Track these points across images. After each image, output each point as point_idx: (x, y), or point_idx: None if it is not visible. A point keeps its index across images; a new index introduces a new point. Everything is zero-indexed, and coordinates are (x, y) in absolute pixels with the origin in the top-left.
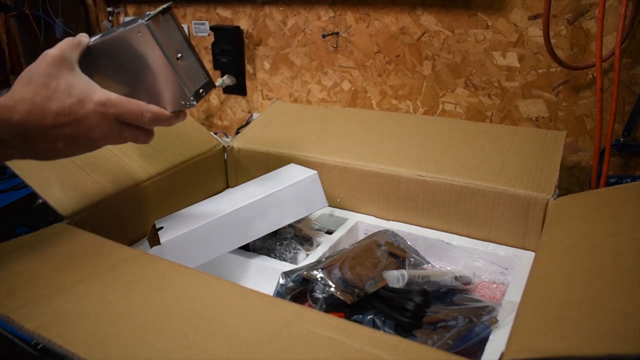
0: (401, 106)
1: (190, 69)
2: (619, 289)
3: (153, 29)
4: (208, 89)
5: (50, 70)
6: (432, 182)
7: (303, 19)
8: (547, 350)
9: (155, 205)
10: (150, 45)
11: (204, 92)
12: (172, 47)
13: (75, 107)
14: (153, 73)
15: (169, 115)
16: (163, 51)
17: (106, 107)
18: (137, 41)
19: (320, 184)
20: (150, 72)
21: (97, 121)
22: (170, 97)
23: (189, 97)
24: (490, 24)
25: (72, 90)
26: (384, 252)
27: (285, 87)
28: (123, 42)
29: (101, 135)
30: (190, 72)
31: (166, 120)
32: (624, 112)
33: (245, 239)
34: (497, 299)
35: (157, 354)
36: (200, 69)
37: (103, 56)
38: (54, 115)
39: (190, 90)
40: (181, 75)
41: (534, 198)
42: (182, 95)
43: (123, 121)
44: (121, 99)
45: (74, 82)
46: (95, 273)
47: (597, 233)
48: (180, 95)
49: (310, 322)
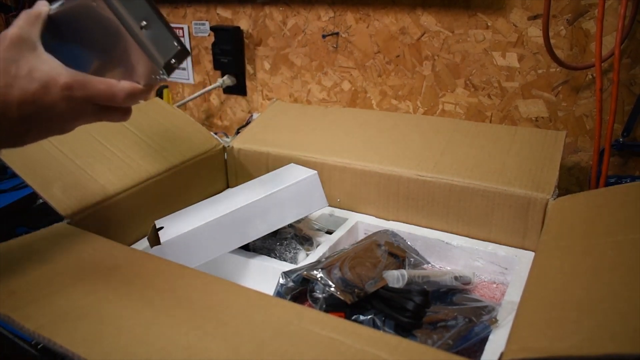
0: (401, 106)
1: (158, 37)
2: (619, 289)
3: None
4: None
5: (8, 53)
6: (432, 182)
7: (303, 19)
8: (547, 350)
9: (155, 205)
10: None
11: (176, 63)
12: (133, 14)
13: (40, 93)
14: (119, 45)
15: (143, 89)
16: (122, 20)
17: (73, 89)
18: (95, 10)
19: (320, 184)
20: (116, 44)
21: (65, 105)
22: (141, 70)
23: (158, 71)
24: (490, 24)
25: (34, 75)
26: (384, 252)
27: (285, 87)
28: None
29: (72, 118)
30: (159, 42)
31: (140, 95)
32: (624, 112)
33: (245, 239)
34: (497, 299)
35: (157, 354)
36: (170, 37)
37: (66, 26)
38: (17, 104)
39: (160, 63)
40: (147, 46)
41: (534, 198)
42: (152, 68)
43: (95, 102)
44: (89, 80)
45: (35, 65)
46: (95, 273)
47: (596, 233)
48: (150, 68)
49: (310, 322)
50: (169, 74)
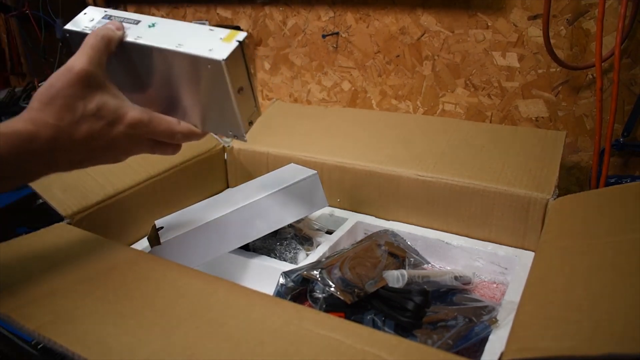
0: (401, 106)
1: (247, 100)
2: (619, 289)
3: (228, 67)
4: (256, 116)
5: (76, 90)
6: (432, 182)
7: (303, 19)
8: (547, 350)
9: (155, 205)
10: (216, 79)
11: (252, 122)
12: (237, 81)
13: (105, 130)
14: (204, 98)
15: (200, 134)
16: (229, 87)
17: (137, 128)
18: (201, 70)
19: (320, 184)
20: (200, 96)
21: (127, 141)
22: (214, 121)
23: (242, 133)
24: (490, 24)
25: (102, 112)
26: (384, 252)
27: (285, 87)
28: (179, 60)
29: (129, 150)
30: (246, 104)
31: (196, 138)
32: (624, 112)
33: (245, 239)
34: (497, 299)
35: (157, 354)
36: (253, 99)
37: (141, 58)
38: (82, 140)
39: (245, 126)
40: (239, 110)
41: (534, 198)
42: (233, 127)
43: (153, 139)
44: (153, 118)
45: (103, 102)
46: (95, 273)
47: (597, 233)
48: (230, 126)
49: (310, 322)
50: (247, 132)
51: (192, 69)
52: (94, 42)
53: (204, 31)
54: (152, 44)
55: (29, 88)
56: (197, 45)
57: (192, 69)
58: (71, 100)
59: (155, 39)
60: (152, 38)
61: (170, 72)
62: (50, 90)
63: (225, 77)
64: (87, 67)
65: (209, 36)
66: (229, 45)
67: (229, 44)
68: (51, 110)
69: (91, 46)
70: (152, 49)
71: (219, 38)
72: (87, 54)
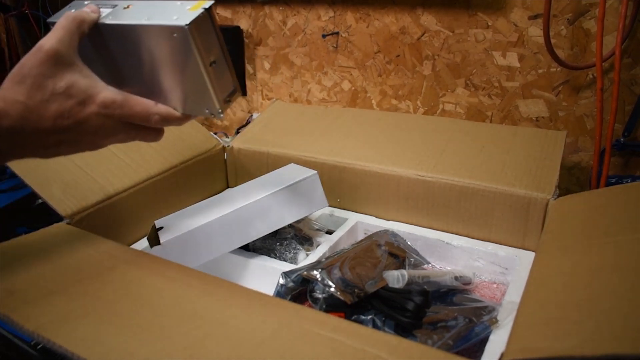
0: (401, 106)
1: (221, 75)
2: (619, 289)
3: (193, 33)
4: (235, 96)
5: (45, 69)
6: (432, 182)
7: (303, 19)
8: (547, 350)
9: (155, 205)
10: (183, 49)
11: (230, 101)
12: (207, 52)
13: (76, 109)
14: (177, 74)
15: (179, 116)
16: (198, 57)
17: (110, 108)
18: (168, 41)
19: (320, 184)
20: (173, 72)
21: (100, 123)
22: (190, 101)
23: (217, 109)
24: (490, 23)
25: (71, 91)
26: (384, 252)
27: (285, 87)
28: (147, 34)
29: (104, 136)
30: (221, 80)
31: (176, 121)
32: (624, 112)
33: (245, 239)
34: (497, 299)
35: (157, 354)
36: (230, 75)
37: (114, 40)
38: (52, 119)
39: (220, 101)
40: (212, 84)
41: (534, 198)
42: (208, 104)
43: (129, 122)
44: (126, 100)
45: (73, 81)
46: (95, 273)
47: (597, 233)
48: (205, 103)
49: (310, 322)
50: (224, 112)
51: (160, 42)
52: (65, 23)
53: (174, 5)
54: (122, 22)
55: None
56: (164, 17)
57: (160, 42)
58: (40, 78)
59: (127, 17)
60: (124, 17)
61: (142, 50)
62: (21, 70)
63: (191, 45)
64: (56, 46)
65: (177, 8)
66: (194, 12)
67: (195, 12)
68: (21, 88)
69: (62, 26)
70: (123, 27)
71: (186, 9)
72: (57, 34)
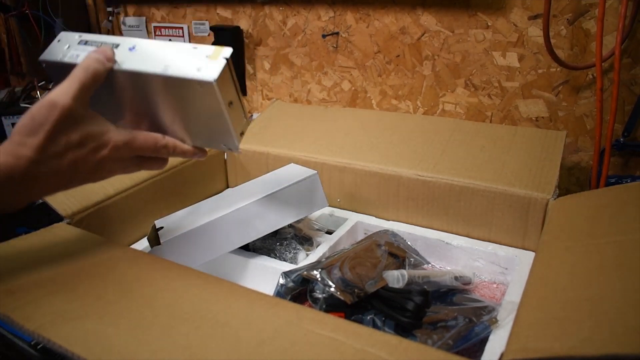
0: (401, 106)
1: (237, 112)
2: (619, 289)
3: (219, 85)
4: (246, 127)
5: (59, 125)
6: (432, 182)
7: (303, 19)
8: (547, 350)
9: (155, 205)
10: (207, 97)
11: (243, 132)
12: (227, 97)
13: (90, 156)
14: (195, 117)
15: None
16: (221, 104)
17: (121, 150)
18: (192, 90)
19: (320, 184)
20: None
21: (112, 163)
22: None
23: (236, 146)
24: (490, 24)
25: (85, 141)
26: (384, 252)
27: (285, 87)
28: (168, 83)
29: (116, 171)
30: (237, 116)
31: (185, 153)
32: (624, 112)
33: (245, 239)
34: (497, 299)
35: (157, 354)
36: (242, 109)
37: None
38: (66, 166)
39: (238, 138)
40: (232, 124)
41: (534, 198)
42: (226, 141)
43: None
44: (135, 138)
45: (87, 132)
46: (95, 273)
47: (596, 233)
48: (222, 139)
49: (310, 322)
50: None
51: (181, 90)
52: (83, 78)
53: (188, 50)
54: (139, 68)
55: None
56: (184, 66)
57: (181, 90)
58: (54, 135)
59: (140, 62)
60: (137, 62)
61: (157, 94)
62: (32, 123)
63: (217, 96)
64: (72, 104)
65: (194, 55)
66: (216, 63)
67: (217, 62)
68: (32, 143)
69: (79, 81)
70: (139, 74)
71: (205, 56)
72: (72, 89)
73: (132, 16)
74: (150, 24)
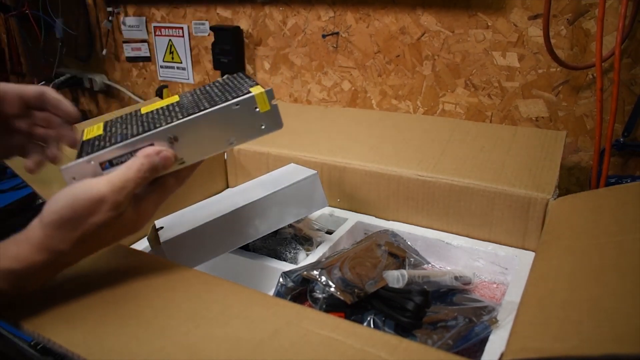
0: (401, 106)
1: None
2: (619, 289)
3: None
4: None
5: (104, 220)
6: (432, 182)
7: (303, 19)
8: (547, 350)
9: None
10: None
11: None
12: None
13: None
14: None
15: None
16: None
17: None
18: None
19: (320, 184)
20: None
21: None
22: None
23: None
24: (490, 24)
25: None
26: (384, 252)
27: (285, 87)
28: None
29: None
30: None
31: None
32: (624, 112)
33: (245, 239)
34: (497, 299)
35: (157, 353)
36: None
37: None
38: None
39: None
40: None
41: (534, 198)
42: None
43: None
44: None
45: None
46: (94, 273)
47: (597, 233)
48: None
49: (310, 322)
50: None
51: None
52: (135, 174)
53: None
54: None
55: None
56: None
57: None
58: (96, 228)
59: None
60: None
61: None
62: (74, 214)
63: None
64: (121, 201)
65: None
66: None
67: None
68: (70, 235)
69: (132, 181)
70: None
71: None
72: (125, 191)
73: (132, 16)
74: (150, 24)
